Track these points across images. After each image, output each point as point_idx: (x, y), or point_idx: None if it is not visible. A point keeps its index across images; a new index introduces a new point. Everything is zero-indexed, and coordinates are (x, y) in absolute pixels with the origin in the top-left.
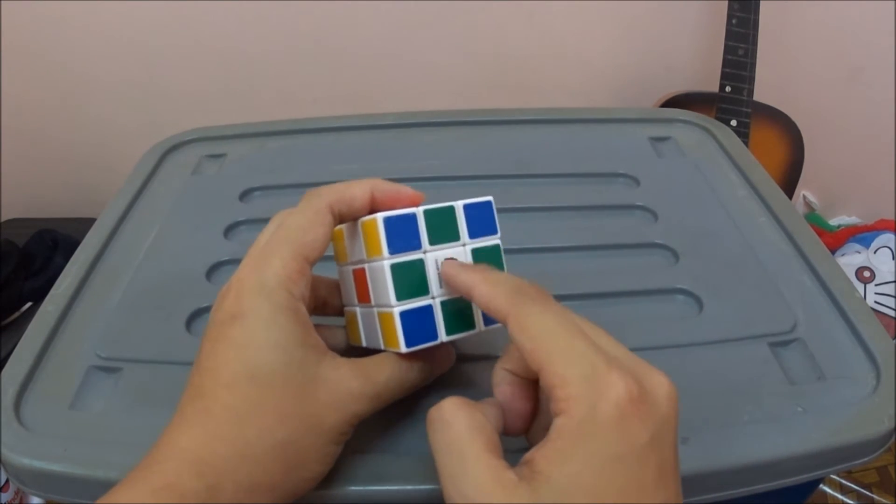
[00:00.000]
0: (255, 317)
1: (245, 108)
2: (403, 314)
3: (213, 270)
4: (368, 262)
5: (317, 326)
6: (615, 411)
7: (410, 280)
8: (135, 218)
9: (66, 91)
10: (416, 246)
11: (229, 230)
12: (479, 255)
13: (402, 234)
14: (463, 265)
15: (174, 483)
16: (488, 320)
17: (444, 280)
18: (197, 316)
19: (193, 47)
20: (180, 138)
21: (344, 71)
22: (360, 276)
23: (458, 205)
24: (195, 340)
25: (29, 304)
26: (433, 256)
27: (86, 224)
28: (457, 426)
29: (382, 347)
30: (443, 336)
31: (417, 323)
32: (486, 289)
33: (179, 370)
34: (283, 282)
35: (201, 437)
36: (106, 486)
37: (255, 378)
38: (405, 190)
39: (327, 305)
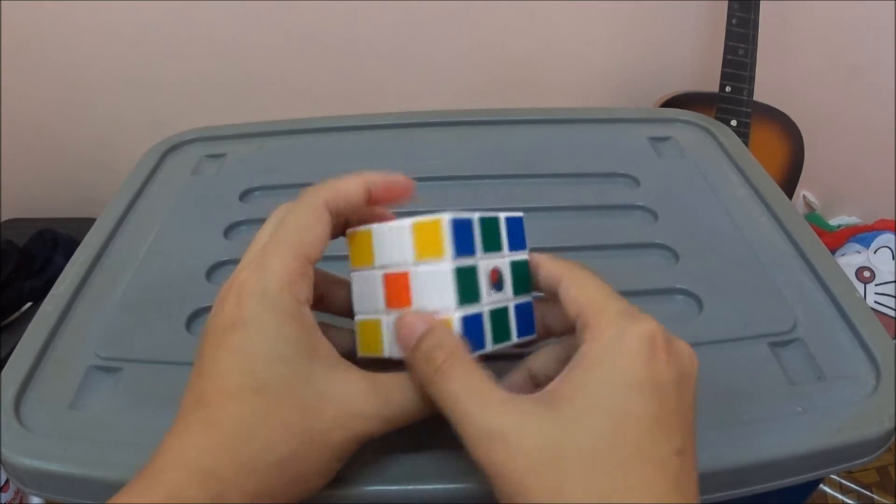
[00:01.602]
0: (259, 326)
1: (245, 108)
2: (465, 319)
3: (213, 270)
4: (417, 264)
5: (322, 327)
6: (644, 343)
7: (467, 286)
8: (135, 218)
9: (66, 91)
10: (473, 251)
11: (229, 230)
12: (515, 268)
13: (463, 238)
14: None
15: (179, 493)
16: (521, 332)
17: (533, 265)
18: (197, 316)
19: (193, 47)
20: (180, 138)
21: (344, 70)
22: (397, 281)
23: (501, 216)
24: (195, 340)
25: (29, 304)
26: (484, 264)
27: (86, 224)
28: (455, 375)
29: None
30: (489, 346)
31: (471, 330)
32: (545, 259)
33: (179, 370)
34: (286, 285)
35: (206, 447)
36: (106, 485)
37: (261, 391)
38: (397, 178)
39: (324, 300)
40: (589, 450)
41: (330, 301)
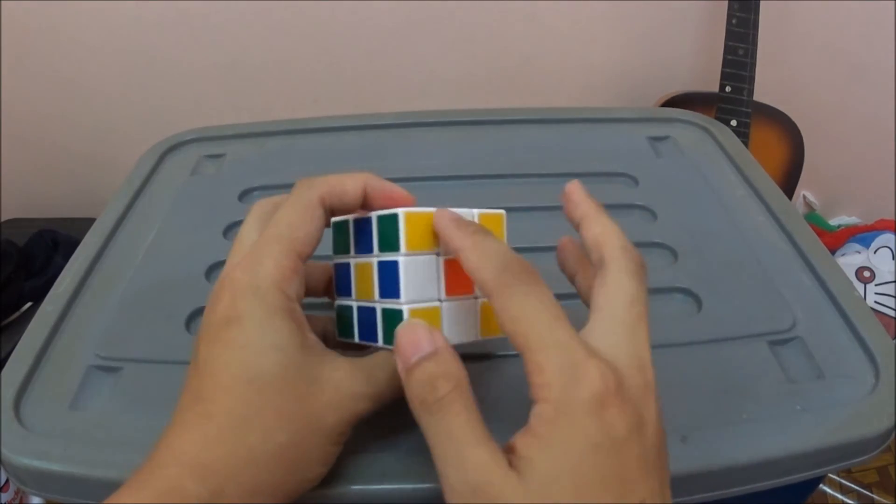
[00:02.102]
0: (251, 319)
1: (245, 108)
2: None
3: (212, 270)
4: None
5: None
6: (592, 402)
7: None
8: (134, 218)
9: (66, 91)
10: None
11: (229, 230)
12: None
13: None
14: (458, 221)
15: (177, 488)
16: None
17: (436, 229)
18: (196, 316)
19: (193, 47)
20: (179, 138)
21: (344, 71)
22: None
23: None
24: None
25: (29, 304)
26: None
27: (86, 224)
28: (456, 411)
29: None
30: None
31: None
32: (475, 258)
33: (179, 370)
34: (277, 282)
35: (202, 441)
36: (105, 485)
37: (254, 381)
38: (398, 190)
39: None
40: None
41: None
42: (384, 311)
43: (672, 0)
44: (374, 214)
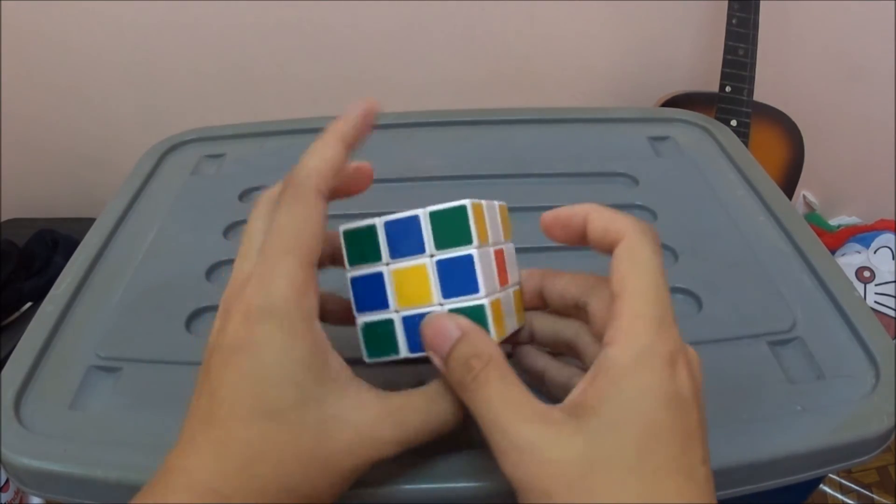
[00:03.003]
0: (268, 347)
1: (245, 108)
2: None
3: (212, 270)
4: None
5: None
6: (670, 358)
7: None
8: (134, 218)
9: (66, 91)
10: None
11: (229, 230)
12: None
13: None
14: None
15: None
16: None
17: (553, 217)
18: (197, 316)
19: (193, 47)
20: (179, 138)
21: (344, 70)
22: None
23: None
24: (195, 340)
25: (29, 304)
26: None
27: (86, 224)
28: (493, 383)
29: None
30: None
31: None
32: (606, 211)
33: (179, 370)
34: (293, 300)
35: (216, 469)
36: (105, 485)
37: (272, 416)
38: (362, 113)
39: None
40: (620, 462)
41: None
42: (457, 311)
43: (672, 0)
44: (424, 212)
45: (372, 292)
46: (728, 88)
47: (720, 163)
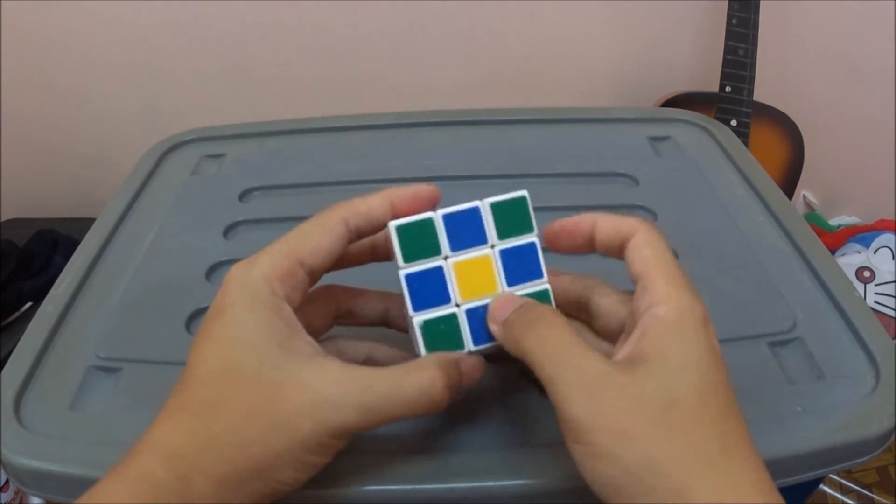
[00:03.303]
0: (233, 312)
1: (245, 108)
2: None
3: (212, 271)
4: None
5: (336, 339)
6: (705, 320)
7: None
8: (134, 218)
9: (66, 91)
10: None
11: (229, 230)
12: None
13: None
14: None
15: (146, 473)
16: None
17: (559, 227)
18: (197, 316)
19: (193, 47)
20: (180, 138)
21: (344, 70)
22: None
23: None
24: None
25: (29, 304)
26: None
27: (86, 224)
28: (560, 323)
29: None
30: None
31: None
32: (613, 216)
33: (179, 370)
34: (268, 279)
35: (173, 429)
36: None
37: (227, 374)
38: (421, 189)
39: (353, 314)
40: (690, 402)
41: (358, 314)
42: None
43: (672, 0)
44: (484, 203)
45: (431, 287)
46: (728, 88)
47: (720, 163)
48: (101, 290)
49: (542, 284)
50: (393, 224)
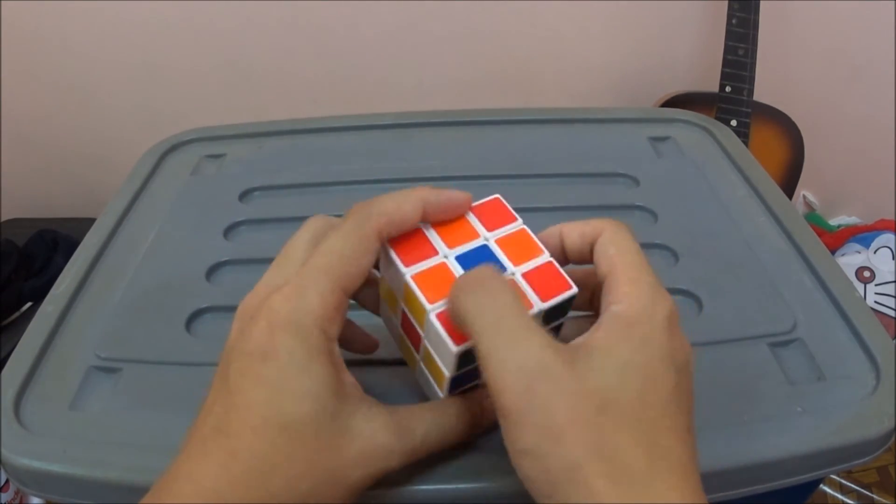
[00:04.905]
0: (290, 360)
1: (245, 108)
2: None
3: (212, 271)
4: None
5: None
6: (666, 322)
7: None
8: (134, 218)
9: (66, 91)
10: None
11: (229, 230)
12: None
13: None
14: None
15: None
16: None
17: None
18: (197, 316)
19: (193, 47)
20: (180, 138)
21: (344, 70)
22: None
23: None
24: (195, 341)
25: (29, 304)
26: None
27: (86, 224)
28: (505, 295)
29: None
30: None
31: None
32: (577, 223)
33: (179, 371)
34: (320, 320)
35: (225, 479)
36: (105, 486)
37: (286, 427)
38: (455, 196)
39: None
40: (626, 405)
41: (347, 341)
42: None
43: (672, 0)
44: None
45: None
46: (728, 88)
47: (721, 163)
48: (101, 290)
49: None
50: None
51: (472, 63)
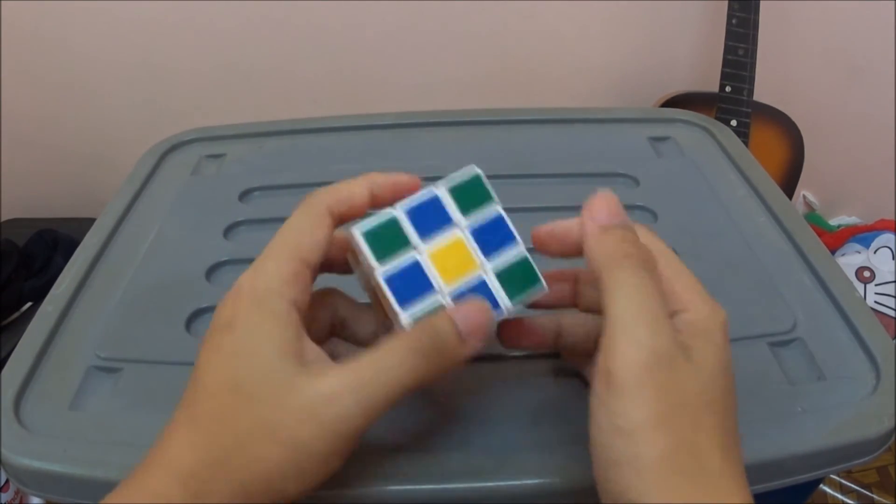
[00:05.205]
0: (244, 326)
1: (245, 108)
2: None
3: (212, 271)
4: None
5: (335, 342)
6: (726, 326)
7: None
8: (134, 218)
9: (66, 91)
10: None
11: (229, 230)
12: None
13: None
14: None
15: (161, 493)
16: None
17: (547, 232)
18: (197, 316)
19: (193, 47)
20: (180, 138)
21: (344, 71)
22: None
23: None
24: (195, 341)
25: (29, 304)
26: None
27: (86, 224)
28: (650, 281)
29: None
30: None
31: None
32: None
33: (179, 370)
34: (276, 287)
35: (185, 445)
36: (105, 486)
37: (236, 388)
38: (401, 178)
39: (346, 326)
40: (717, 405)
41: (352, 327)
42: (505, 268)
43: (672, 0)
44: (439, 188)
45: (413, 281)
46: (728, 88)
47: (721, 163)
48: (101, 290)
49: (517, 252)
50: (356, 231)
51: (472, 63)
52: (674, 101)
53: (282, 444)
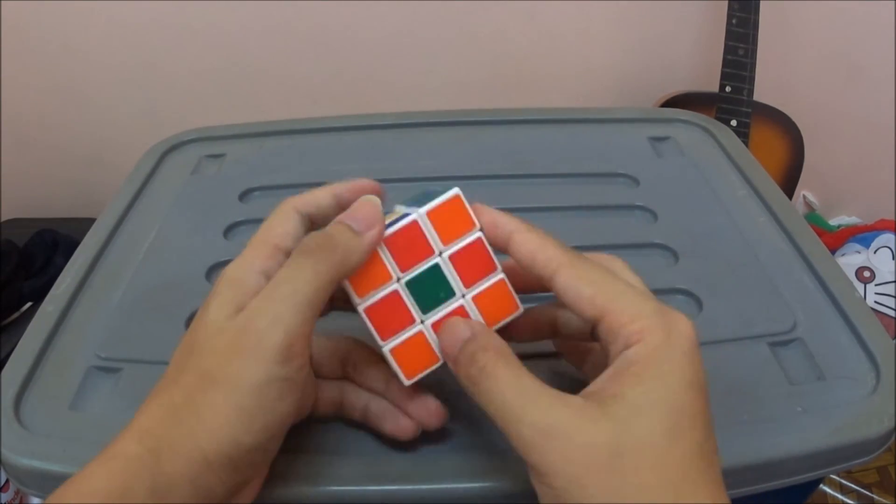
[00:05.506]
0: (216, 303)
1: (245, 108)
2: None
3: (212, 271)
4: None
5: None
6: (687, 343)
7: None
8: (134, 218)
9: (66, 91)
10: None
11: (229, 230)
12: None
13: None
14: (500, 214)
15: (120, 450)
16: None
17: (485, 218)
18: None
19: (193, 47)
20: (180, 138)
21: (344, 70)
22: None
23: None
24: None
25: (29, 304)
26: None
27: (86, 224)
28: (502, 372)
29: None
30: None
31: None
32: (535, 237)
33: None
34: (249, 266)
35: (145, 411)
36: None
37: (189, 350)
38: (363, 184)
39: (357, 373)
40: (649, 446)
41: (361, 376)
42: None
43: (672, 0)
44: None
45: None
46: (728, 88)
47: (721, 163)
48: (101, 290)
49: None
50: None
51: (471, 63)
52: (674, 101)
53: (220, 389)
